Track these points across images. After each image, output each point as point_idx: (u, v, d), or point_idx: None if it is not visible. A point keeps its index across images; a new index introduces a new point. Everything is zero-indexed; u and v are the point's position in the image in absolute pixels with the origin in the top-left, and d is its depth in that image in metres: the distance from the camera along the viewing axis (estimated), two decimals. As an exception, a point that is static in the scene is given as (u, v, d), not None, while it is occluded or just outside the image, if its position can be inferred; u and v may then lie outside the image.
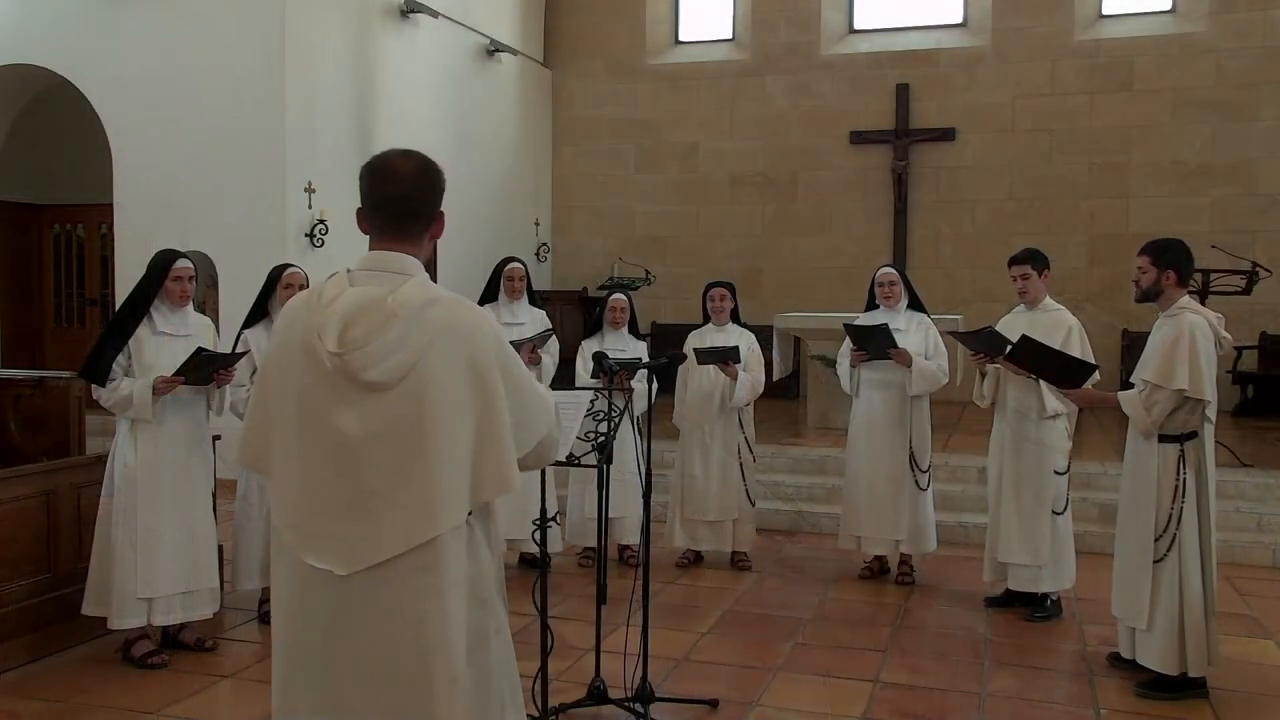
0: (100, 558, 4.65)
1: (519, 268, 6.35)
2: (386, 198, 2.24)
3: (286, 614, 2.22)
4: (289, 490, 2.20)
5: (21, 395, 5.76)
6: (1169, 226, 10.57)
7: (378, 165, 2.25)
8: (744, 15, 12.81)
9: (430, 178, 2.27)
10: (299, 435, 2.17)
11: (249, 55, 8.67)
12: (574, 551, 6.56)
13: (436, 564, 2.13)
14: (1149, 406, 4.31)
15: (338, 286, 2.19)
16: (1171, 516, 4.33)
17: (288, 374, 2.19)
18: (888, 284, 6.12)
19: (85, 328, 10.99)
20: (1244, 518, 7.02)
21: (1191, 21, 11.37)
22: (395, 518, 2.12)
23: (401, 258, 2.22)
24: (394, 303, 2.13)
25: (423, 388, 2.11)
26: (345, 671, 2.16)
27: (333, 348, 2.11)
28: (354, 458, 2.12)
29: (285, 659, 2.23)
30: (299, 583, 2.18)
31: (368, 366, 2.11)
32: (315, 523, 2.16)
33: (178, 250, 4.80)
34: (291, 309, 2.26)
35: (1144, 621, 4.37)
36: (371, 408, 2.12)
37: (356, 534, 2.13)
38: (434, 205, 2.28)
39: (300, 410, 2.17)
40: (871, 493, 6.06)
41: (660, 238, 13.03)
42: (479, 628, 2.22)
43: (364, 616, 2.14)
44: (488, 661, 2.25)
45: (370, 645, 2.15)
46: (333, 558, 2.13)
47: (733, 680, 4.60)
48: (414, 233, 2.26)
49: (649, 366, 4.46)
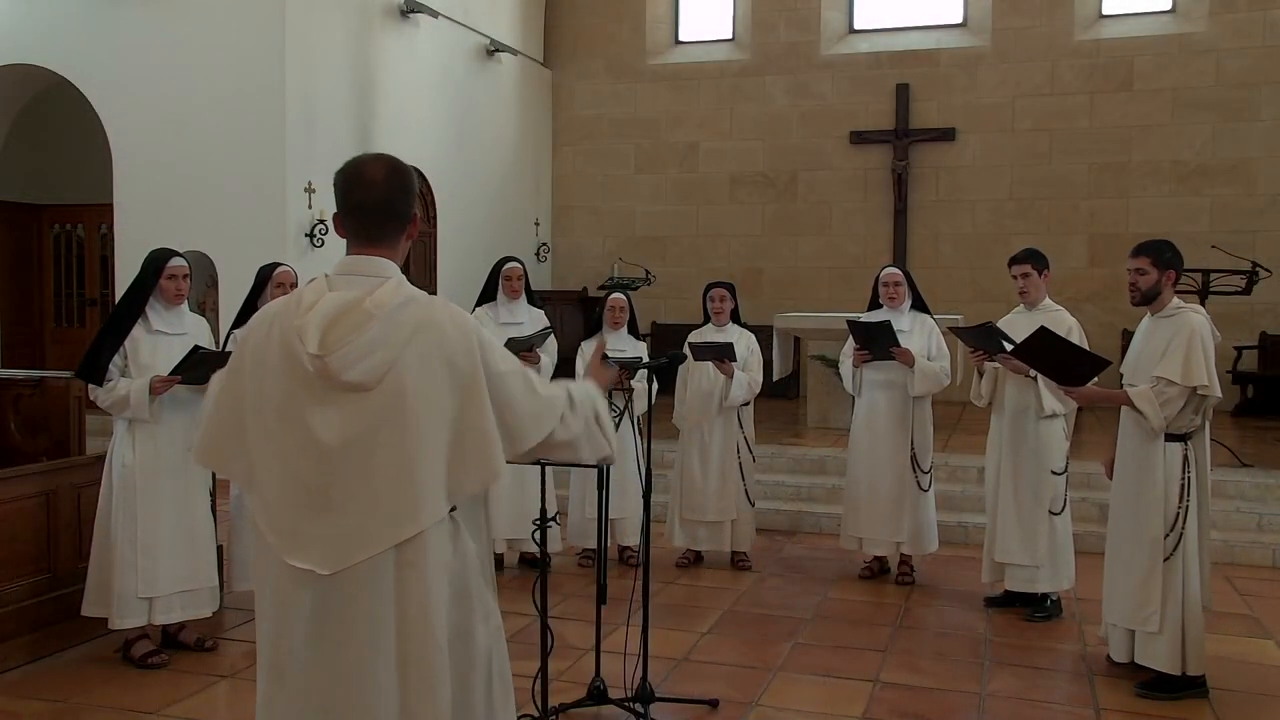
0: (99, 557, 4.64)
1: (517, 267, 6.35)
2: (359, 203, 2.26)
3: (270, 614, 2.24)
4: (268, 492, 2.21)
5: (21, 395, 5.76)
6: (1169, 226, 10.60)
7: (350, 171, 2.28)
8: (744, 15, 12.82)
9: (401, 181, 2.29)
10: (278, 437, 2.19)
11: (249, 55, 8.67)
12: (574, 552, 6.56)
13: (419, 559, 2.16)
14: (1163, 404, 4.31)
15: (316, 291, 2.22)
16: (1179, 515, 4.34)
17: (264, 377, 2.21)
18: (892, 284, 6.11)
19: (85, 328, 10.98)
20: (1244, 518, 7.01)
21: (1191, 21, 11.37)
22: (376, 516, 2.14)
23: (377, 261, 2.25)
24: (371, 304, 2.16)
25: (401, 387, 2.14)
26: (328, 670, 2.18)
27: (313, 350, 2.13)
28: (334, 458, 2.15)
29: (268, 658, 2.24)
30: (282, 583, 2.20)
31: (347, 367, 2.13)
32: (296, 524, 2.18)
33: (172, 249, 4.79)
34: (268, 312, 2.28)
35: (1155, 624, 4.36)
36: (351, 408, 2.15)
37: (338, 533, 2.15)
38: (407, 208, 2.31)
39: (279, 413, 2.18)
40: (873, 493, 6.06)
41: (660, 238, 13.03)
42: (461, 620, 2.24)
43: (346, 615, 2.17)
44: (471, 652, 2.27)
45: (353, 642, 2.17)
46: (315, 558, 2.16)
47: (733, 680, 4.59)
48: (389, 236, 2.29)
49: (649, 366, 4.46)
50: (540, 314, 6.43)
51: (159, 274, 4.68)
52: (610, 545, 6.13)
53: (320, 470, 2.16)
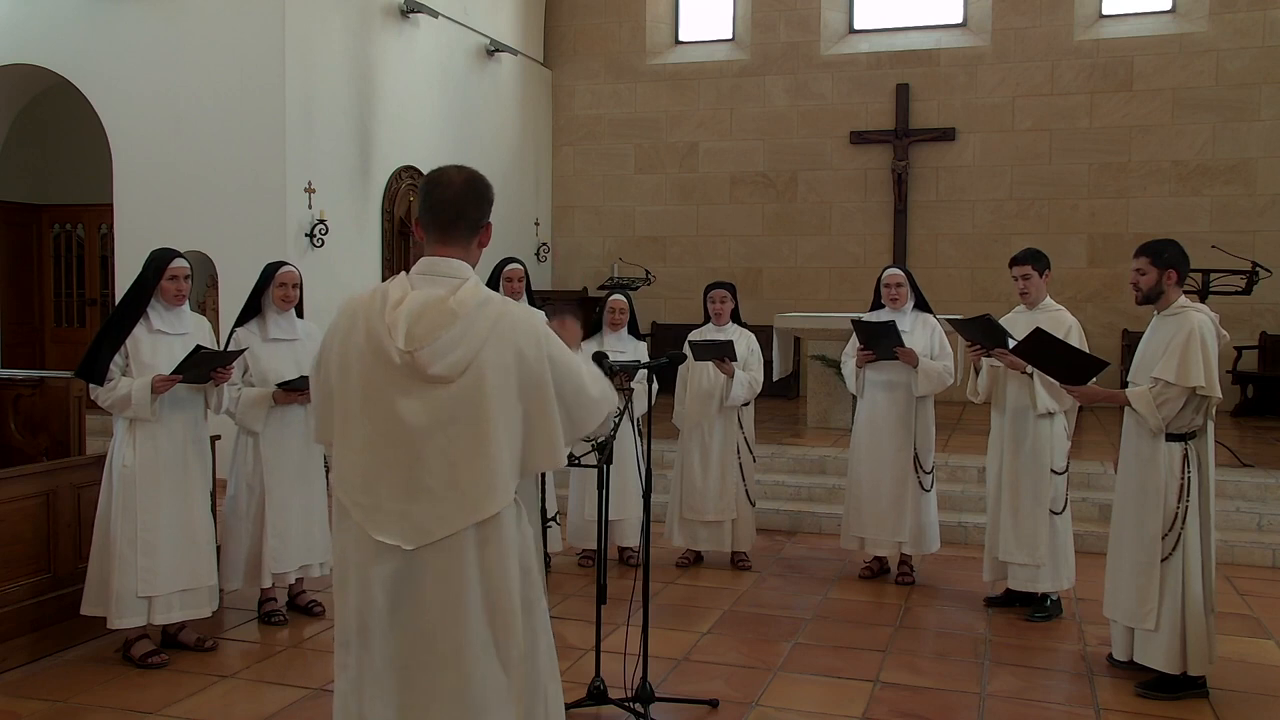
0: (99, 557, 4.64)
1: (518, 268, 6.35)
2: (438, 205, 2.48)
3: (354, 584, 2.43)
4: (352, 472, 2.42)
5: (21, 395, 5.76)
6: (1169, 226, 10.61)
7: (433, 177, 2.51)
8: (744, 15, 12.82)
9: (478, 189, 2.52)
10: (363, 422, 2.41)
11: (249, 55, 8.67)
12: (574, 552, 6.56)
13: (496, 537, 2.39)
14: (1160, 404, 4.31)
15: (401, 289, 2.43)
16: (1178, 515, 4.34)
17: (352, 367, 2.42)
18: (894, 285, 6.11)
19: (85, 328, 10.99)
20: (1244, 518, 7.02)
21: (1191, 21, 11.37)
22: (457, 497, 2.36)
23: (453, 262, 2.47)
24: (454, 303, 2.38)
25: (480, 379, 2.36)
26: (410, 634, 2.40)
27: (403, 345, 2.35)
28: (418, 443, 2.37)
29: (352, 624, 2.44)
30: (366, 556, 2.40)
31: (433, 361, 2.35)
32: (382, 501, 2.39)
33: (174, 249, 4.79)
34: (353, 307, 2.47)
35: (1151, 621, 4.36)
36: (435, 399, 2.36)
37: (420, 512, 2.37)
38: (481, 214, 2.53)
39: (365, 400, 2.40)
40: (875, 493, 6.05)
41: (660, 238, 13.04)
42: (526, 595, 2.46)
43: (429, 586, 2.38)
44: (534, 621, 2.49)
45: (437, 607, 2.38)
46: (399, 534, 2.38)
47: (733, 680, 4.59)
48: (460, 237, 2.50)
49: (649, 367, 4.46)
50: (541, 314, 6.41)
51: (160, 274, 4.68)
52: (610, 546, 6.13)
53: (405, 454, 2.37)
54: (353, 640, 2.44)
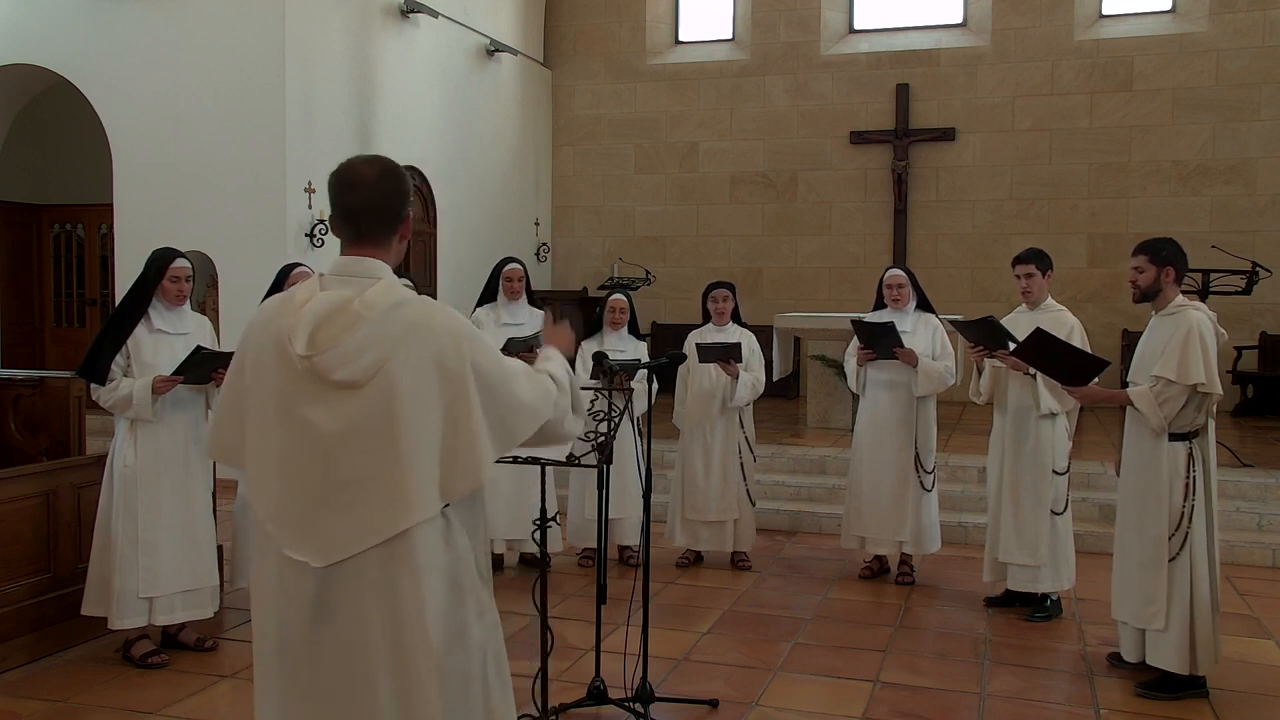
0: (100, 557, 4.64)
1: (518, 268, 6.35)
2: (349, 204, 2.30)
3: (272, 601, 2.28)
4: (267, 483, 2.27)
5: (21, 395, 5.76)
6: (1169, 226, 10.60)
7: (342, 173, 2.31)
8: (744, 15, 12.82)
9: (393, 183, 2.32)
10: (275, 430, 2.24)
11: (249, 55, 8.67)
12: (574, 552, 6.56)
13: (409, 555, 2.19)
14: (1162, 403, 4.31)
15: (309, 290, 2.26)
16: (1184, 515, 4.33)
17: (263, 372, 2.26)
18: (895, 286, 6.11)
19: (85, 328, 10.99)
20: (1244, 518, 7.01)
21: (1191, 21, 11.38)
22: (368, 511, 2.19)
23: (368, 262, 2.29)
24: (360, 305, 2.20)
25: (391, 386, 2.18)
26: (324, 661, 2.23)
27: (301, 350, 2.19)
28: (327, 453, 2.20)
29: (272, 643, 2.28)
30: (279, 574, 2.25)
31: (336, 367, 2.18)
32: (293, 516, 2.23)
33: (175, 249, 4.78)
34: (265, 309, 2.33)
35: (1159, 622, 4.36)
36: (342, 406, 2.20)
37: (331, 527, 2.20)
38: (399, 209, 2.34)
39: (276, 407, 2.24)
40: (876, 493, 6.05)
41: (660, 238, 13.04)
42: (457, 615, 2.27)
43: (340, 607, 2.21)
44: (468, 647, 2.30)
45: (347, 634, 2.21)
46: (310, 550, 2.21)
47: (733, 680, 4.59)
48: (379, 236, 2.32)
49: (649, 367, 4.46)
50: (541, 314, 6.42)
51: (161, 274, 4.67)
52: (610, 545, 6.13)
53: (317, 464, 2.21)
54: (271, 661, 2.28)
